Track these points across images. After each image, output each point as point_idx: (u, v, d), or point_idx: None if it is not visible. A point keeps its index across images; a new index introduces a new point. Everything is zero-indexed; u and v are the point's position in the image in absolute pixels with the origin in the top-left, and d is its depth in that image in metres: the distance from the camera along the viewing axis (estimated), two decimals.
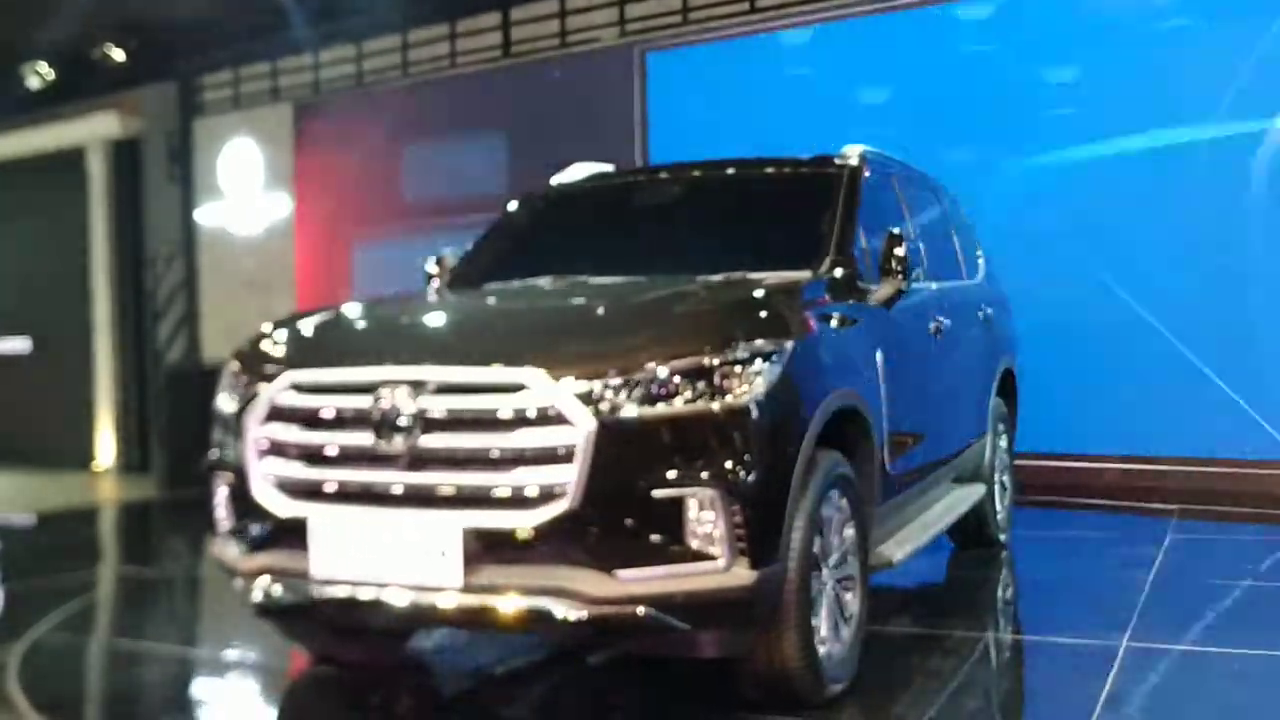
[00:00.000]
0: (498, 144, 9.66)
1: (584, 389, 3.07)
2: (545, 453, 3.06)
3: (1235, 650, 4.09)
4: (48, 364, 12.51)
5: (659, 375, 3.10)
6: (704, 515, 3.06)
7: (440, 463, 3.16)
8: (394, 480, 3.20)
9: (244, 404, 3.49)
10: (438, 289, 4.74)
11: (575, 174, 5.24)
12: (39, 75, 11.01)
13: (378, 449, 3.20)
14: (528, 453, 3.08)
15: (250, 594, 3.48)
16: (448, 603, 3.15)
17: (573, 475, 3.03)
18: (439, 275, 4.80)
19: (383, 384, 3.21)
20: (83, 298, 12.03)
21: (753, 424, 3.13)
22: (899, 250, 4.13)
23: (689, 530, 3.06)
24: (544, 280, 4.30)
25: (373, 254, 10.32)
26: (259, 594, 3.45)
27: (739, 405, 3.13)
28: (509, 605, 3.09)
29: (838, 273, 4.02)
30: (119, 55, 10.72)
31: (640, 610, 3.04)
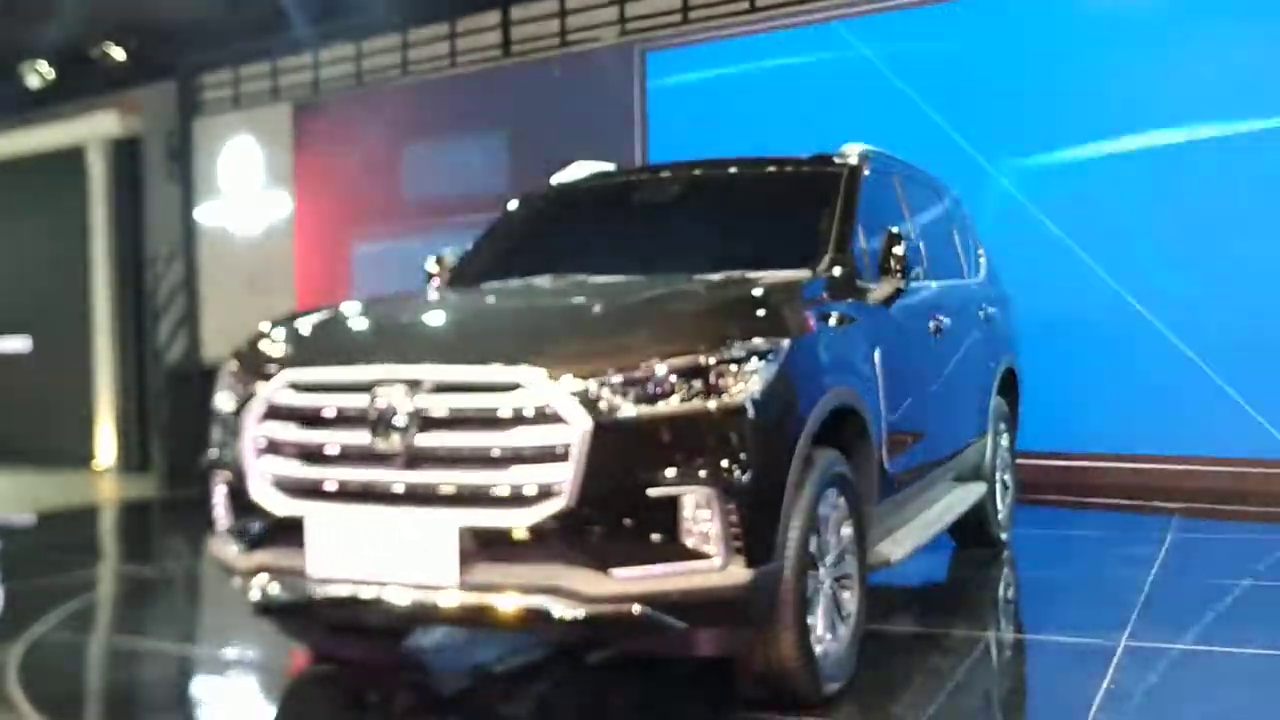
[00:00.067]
0: (498, 143, 9.66)
1: (580, 388, 3.07)
2: (541, 451, 3.06)
3: (1234, 649, 4.09)
4: (48, 363, 12.51)
5: (655, 374, 3.09)
6: (700, 514, 3.05)
7: (436, 461, 3.16)
8: (390, 479, 3.20)
9: (242, 403, 3.49)
10: (436, 288, 4.74)
11: (575, 173, 5.24)
12: (39, 74, 11.01)
13: (374, 448, 3.20)
14: (523, 451, 3.07)
15: (248, 592, 3.48)
16: (443, 601, 3.15)
17: (568, 474, 3.03)
18: (438, 274, 4.80)
19: (379, 383, 3.21)
20: (83, 297, 12.04)
21: (748, 423, 3.13)
22: (898, 249, 4.12)
23: (685, 529, 3.06)
24: (543, 279, 4.30)
25: (372, 253, 10.32)
26: (257, 593, 3.45)
27: (735, 404, 3.12)
28: (505, 604, 3.09)
29: (836, 272, 4.02)
30: (119, 54, 10.73)
31: (636, 609, 3.03)
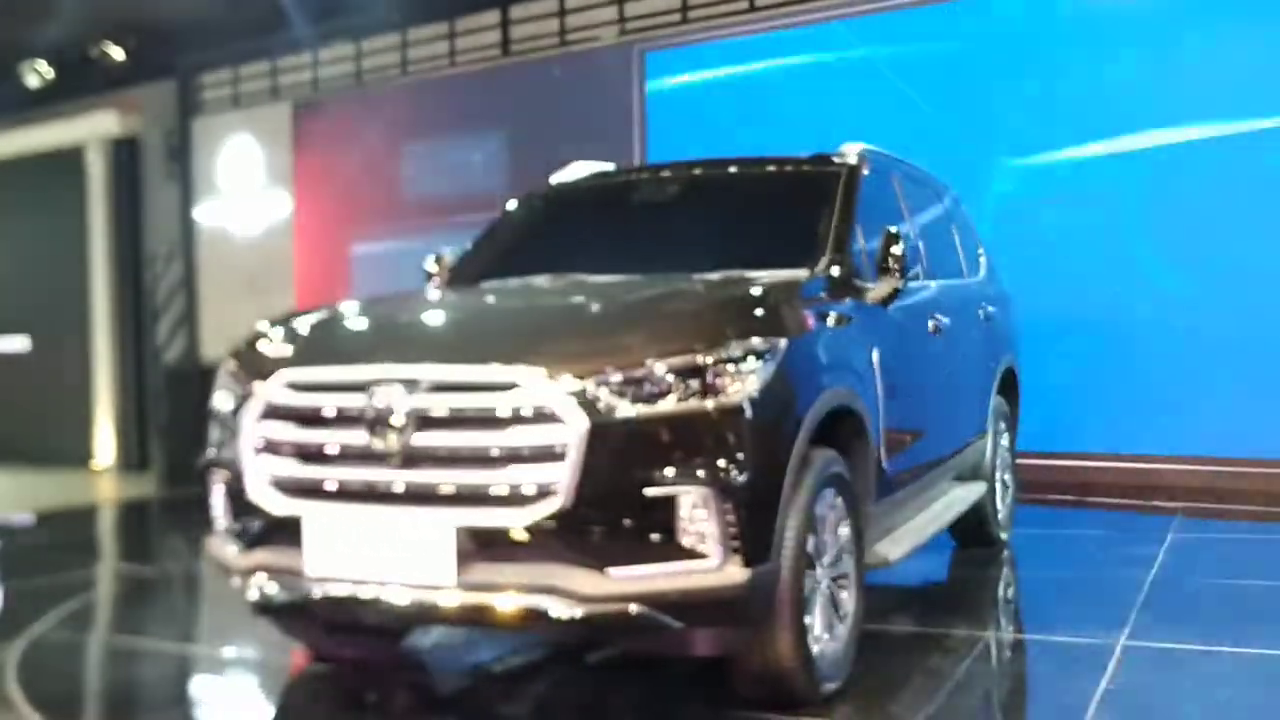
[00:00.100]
0: (497, 143, 9.65)
1: (576, 387, 3.06)
2: (537, 451, 3.06)
3: (1233, 649, 4.09)
4: (47, 363, 12.51)
5: (652, 374, 3.09)
6: (696, 514, 3.05)
7: (433, 461, 3.15)
8: (387, 478, 3.20)
9: (240, 402, 3.49)
10: (435, 288, 4.74)
11: (575, 173, 5.24)
12: (38, 74, 11.02)
13: (371, 447, 3.20)
14: (520, 451, 3.07)
15: (246, 592, 3.48)
16: (441, 601, 3.15)
17: (565, 474, 3.02)
18: (438, 274, 4.80)
19: (376, 382, 3.21)
20: (82, 296, 12.03)
21: (745, 423, 3.13)
22: (896, 249, 4.11)
23: (682, 529, 3.05)
24: (541, 279, 4.29)
25: (372, 253, 10.31)
26: (255, 592, 3.45)
27: (732, 404, 3.12)
28: (502, 603, 3.09)
29: (834, 271, 4.02)
30: (118, 54, 10.73)
31: (633, 609, 3.03)
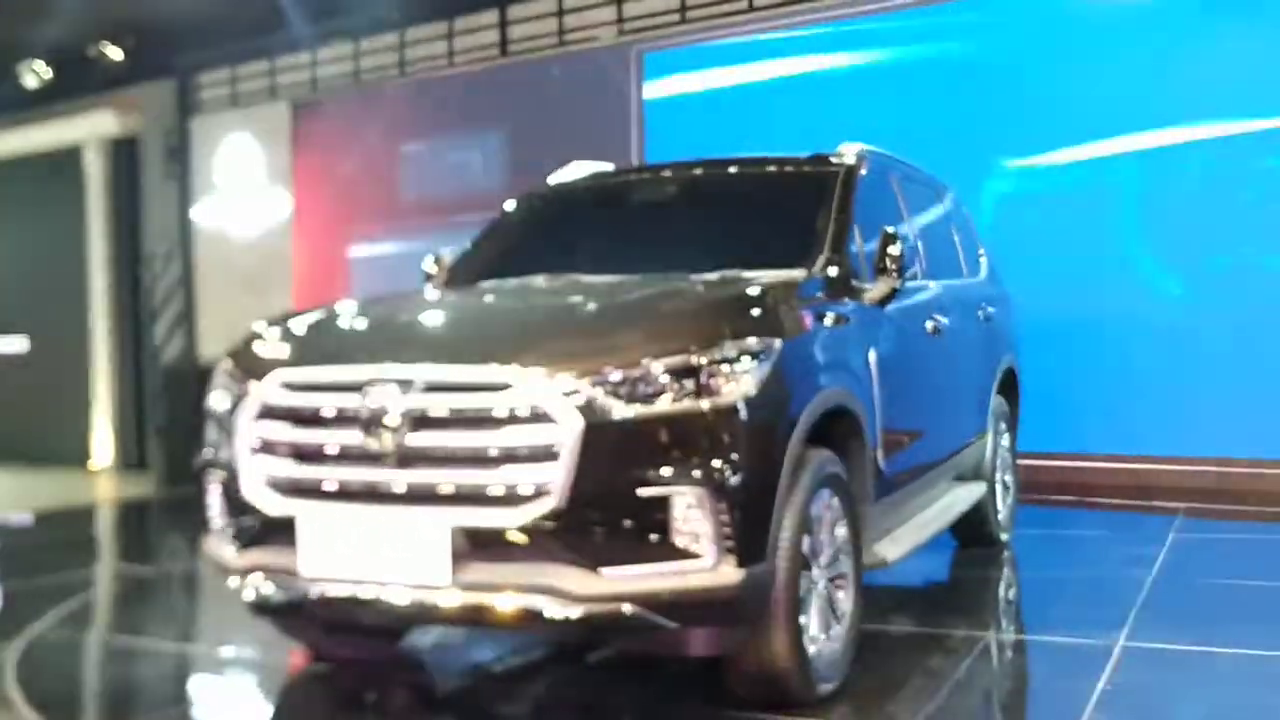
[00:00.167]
0: (495, 143, 9.64)
1: (570, 387, 3.06)
2: (532, 451, 3.05)
3: (1232, 650, 4.08)
4: (45, 363, 12.50)
5: (647, 374, 3.09)
6: (691, 514, 3.05)
7: (427, 461, 3.15)
8: (381, 478, 3.19)
9: (236, 402, 3.48)
10: (432, 288, 4.73)
11: (574, 173, 5.23)
12: (36, 74, 11.01)
13: (366, 447, 3.20)
14: (514, 451, 3.07)
15: (243, 592, 3.48)
16: (436, 601, 3.15)
17: (559, 474, 3.02)
18: (437, 274, 4.80)
19: (371, 382, 3.20)
20: (80, 296, 12.02)
21: (740, 423, 3.12)
22: (893, 249, 4.10)
23: (675, 529, 3.05)
24: (538, 279, 4.28)
25: (370, 253, 10.31)
26: (251, 592, 3.45)
27: (726, 404, 3.12)
28: (497, 603, 3.09)
29: (831, 271, 4.01)
30: (116, 53, 10.72)
31: (627, 609, 3.03)
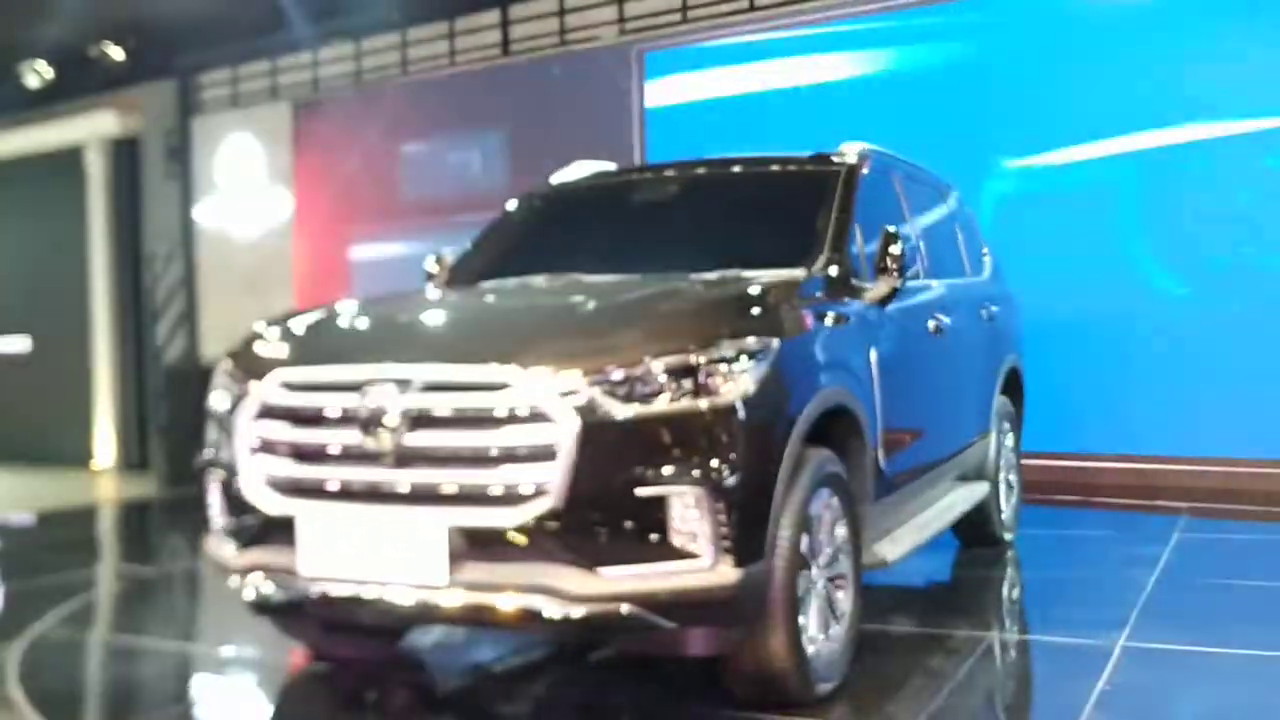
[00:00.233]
0: (497, 143, 9.65)
1: (568, 387, 3.06)
2: (529, 451, 3.05)
3: (1232, 650, 4.07)
4: (47, 363, 12.50)
5: (644, 373, 3.09)
6: (688, 514, 3.04)
7: (426, 461, 3.15)
8: (380, 478, 3.20)
9: (236, 402, 3.49)
10: (432, 288, 4.73)
11: (576, 172, 5.23)
12: (38, 74, 11.01)
13: (364, 447, 3.20)
14: (512, 451, 3.07)
15: (243, 591, 3.48)
16: (433, 600, 3.15)
17: (557, 473, 3.02)
18: (438, 274, 4.80)
19: (369, 382, 3.21)
20: (82, 297, 12.03)
21: (738, 422, 3.12)
22: (894, 248, 4.09)
23: (673, 528, 3.05)
24: (539, 278, 4.28)
25: (371, 253, 10.31)
26: (251, 591, 3.46)
27: (724, 404, 3.11)
28: (495, 603, 3.09)
29: (832, 271, 4.00)
30: (118, 54, 10.72)
31: (625, 608, 3.03)
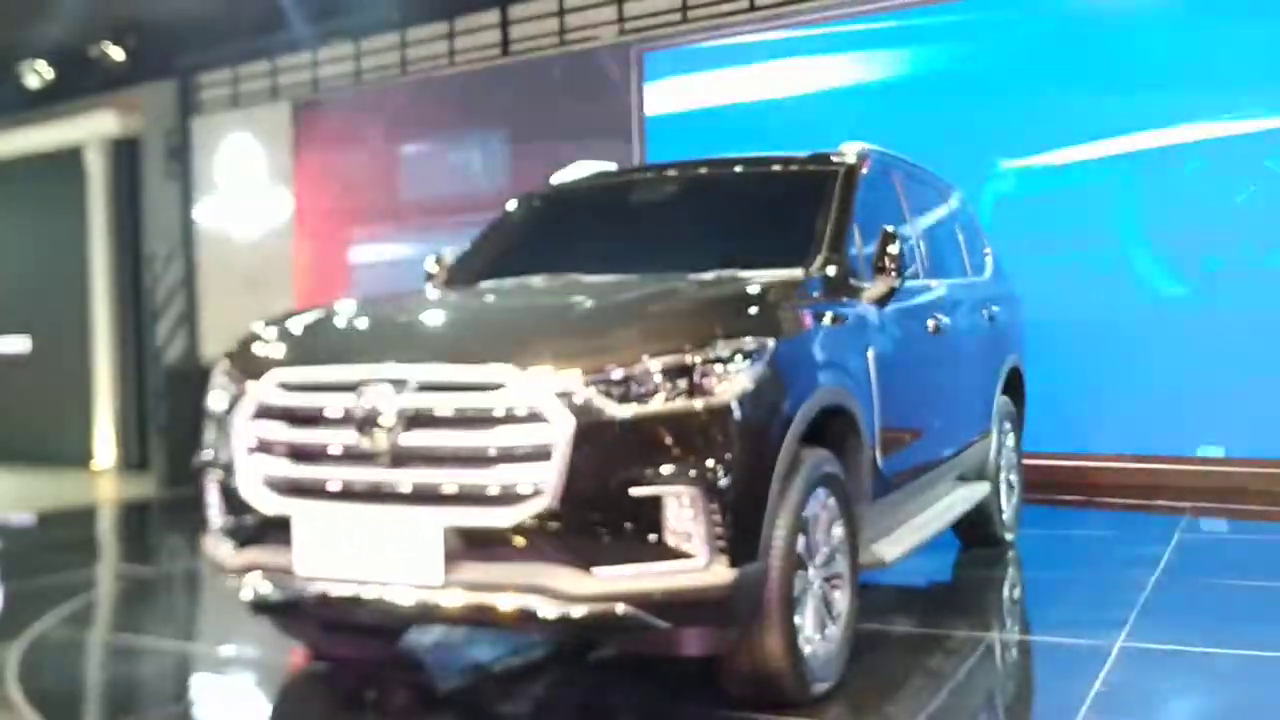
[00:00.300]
0: (496, 142, 9.65)
1: (563, 387, 3.06)
2: (524, 451, 3.05)
3: (1230, 650, 4.06)
4: (47, 363, 12.51)
5: (639, 373, 3.08)
6: (683, 514, 3.04)
7: (421, 460, 3.15)
8: (375, 478, 3.20)
9: (233, 402, 3.49)
10: (430, 288, 4.73)
11: (576, 172, 5.23)
12: (38, 74, 11.02)
13: (360, 447, 3.20)
14: (507, 451, 3.07)
15: (240, 591, 3.48)
16: (428, 600, 3.15)
17: (551, 473, 3.02)
18: (438, 274, 4.79)
19: (365, 382, 3.21)
20: (82, 297, 12.03)
21: (732, 422, 3.12)
22: (892, 248, 4.09)
23: (668, 528, 3.04)
24: (537, 279, 4.28)
25: (371, 253, 10.32)
26: (249, 591, 3.46)
27: (719, 403, 3.11)
28: (490, 603, 3.09)
29: (830, 270, 4.00)
30: (118, 54, 10.73)
31: (620, 608, 3.03)
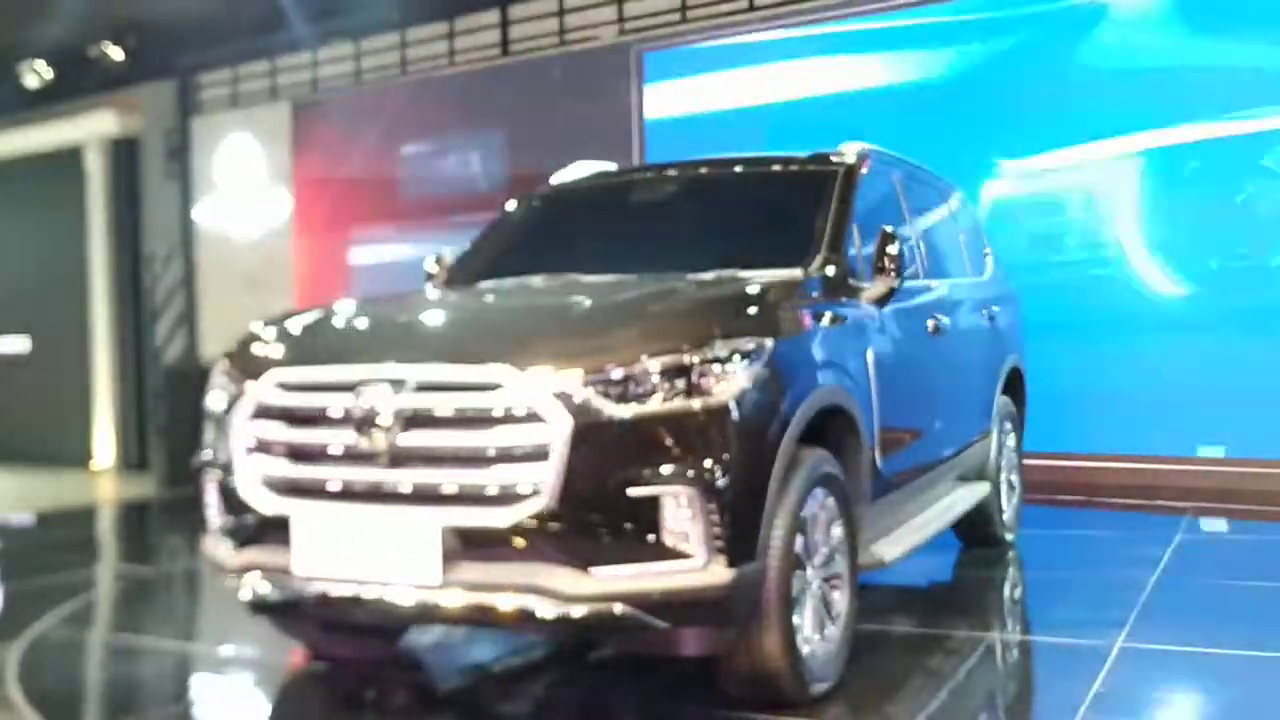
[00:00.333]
0: (496, 143, 9.65)
1: (560, 387, 3.06)
2: (522, 451, 3.05)
3: (1229, 651, 4.06)
4: (47, 363, 12.51)
5: (637, 373, 3.08)
6: (680, 514, 3.04)
7: (419, 460, 3.16)
8: (374, 478, 3.20)
9: (232, 402, 3.49)
10: (429, 288, 4.73)
11: (576, 172, 5.23)
12: (37, 74, 11.02)
13: (358, 447, 3.20)
14: (504, 451, 3.07)
15: (239, 591, 3.48)
16: (427, 600, 3.15)
17: (549, 473, 3.02)
18: (437, 274, 4.79)
19: (363, 382, 3.21)
20: (81, 297, 12.03)
21: (730, 422, 3.12)
22: (891, 248, 4.09)
23: (665, 528, 3.04)
24: (536, 279, 4.28)
25: (371, 253, 10.32)
26: (247, 591, 3.46)
27: (717, 404, 3.11)
28: (488, 602, 3.09)
29: (829, 271, 4.00)
30: (117, 54, 10.73)
31: (618, 608, 3.02)
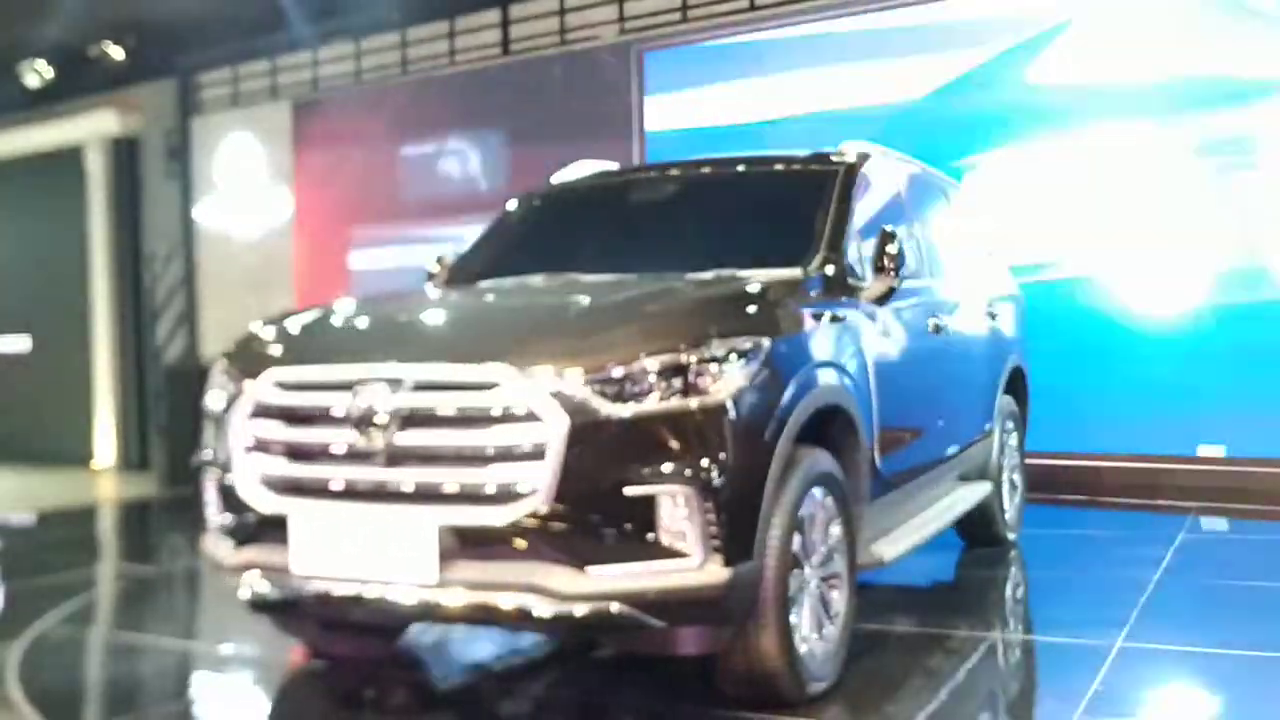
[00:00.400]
0: (497, 142, 9.66)
1: (557, 387, 3.06)
2: (519, 450, 3.06)
3: (1229, 651, 4.06)
4: (47, 362, 12.52)
5: (634, 372, 3.08)
6: (677, 513, 3.04)
7: (416, 459, 3.16)
8: (371, 477, 3.20)
9: (231, 401, 3.50)
10: (429, 287, 4.74)
11: (576, 172, 5.23)
12: (38, 73, 11.02)
13: (356, 446, 3.21)
14: (501, 450, 3.07)
15: (238, 589, 3.48)
16: (424, 599, 3.15)
17: (546, 472, 3.02)
18: (438, 274, 4.80)
19: (361, 381, 3.21)
20: (82, 296, 12.04)
21: (727, 422, 3.12)
22: (891, 248, 4.09)
23: (662, 527, 3.05)
24: (536, 278, 4.28)
25: (371, 252, 10.32)
26: (247, 589, 3.46)
27: (713, 403, 3.11)
28: (485, 601, 3.09)
29: (828, 270, 4.00)
30: (118, 53, 10.74)
31: (614, 607, 3.03)
